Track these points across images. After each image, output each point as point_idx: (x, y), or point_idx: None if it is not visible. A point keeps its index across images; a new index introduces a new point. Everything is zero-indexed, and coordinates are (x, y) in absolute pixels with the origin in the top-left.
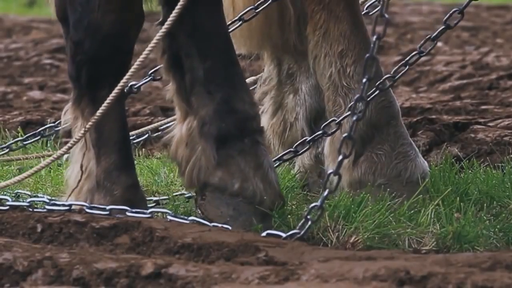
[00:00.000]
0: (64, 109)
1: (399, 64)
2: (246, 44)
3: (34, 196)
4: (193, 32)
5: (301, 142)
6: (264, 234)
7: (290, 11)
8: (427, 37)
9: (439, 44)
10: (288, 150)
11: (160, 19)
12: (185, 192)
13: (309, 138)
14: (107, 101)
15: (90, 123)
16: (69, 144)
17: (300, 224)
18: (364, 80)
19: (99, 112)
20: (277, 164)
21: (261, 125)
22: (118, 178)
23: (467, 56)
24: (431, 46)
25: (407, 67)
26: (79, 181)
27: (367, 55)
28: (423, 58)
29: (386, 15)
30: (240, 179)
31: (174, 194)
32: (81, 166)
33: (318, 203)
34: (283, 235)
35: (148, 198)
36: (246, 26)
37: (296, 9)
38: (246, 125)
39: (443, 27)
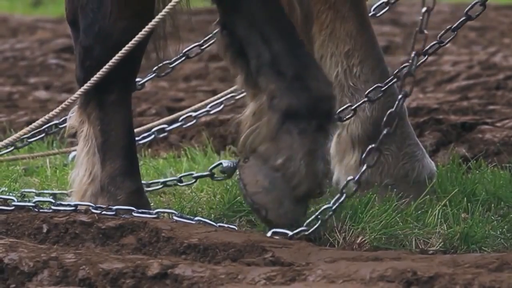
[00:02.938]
0: (70, 113)
1: (415, 53)
2: None
3: (40, 194)
4: (253, 21)
5: None
6: (269, 233)
7: (297, 10)
8: (447, 27)
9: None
10: None
11: (218, 19)
12: (193, 172)
13: None
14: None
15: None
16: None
17: (307, 221)
18: (400, 96)
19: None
20: None
21: (332, 109)
22: (123, 184)
23: (474, 56)
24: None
25: (426, 56)
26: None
27: (405, 71)
28: (430, 58)
29: (426, 31)
30: (285, 156)
31: (181, 175)
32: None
33: (331, 205)
34: (290, 233)
35: (155, 181)
36: None
37: (303, 9)
38: (318, 106)
39: (464, 18)
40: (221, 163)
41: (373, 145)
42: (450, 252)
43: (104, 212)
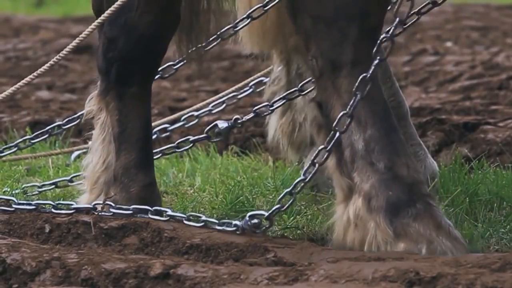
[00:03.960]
0: (89, 98)
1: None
2: (259, 43)
3: (42, 186)
4: (350, 101)
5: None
6: (247, 217)
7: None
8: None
9: (449, 44)
10: (292, 90)
11: (315, 95)
12: (190, 137)
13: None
14: None
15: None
16: None
17: (305, 169)
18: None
19: None
20: (278, 105)
21: (428, 191)
22: (136, 176)
23: (477, 56)
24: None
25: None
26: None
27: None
28: (432, 58)
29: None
30: (425, 243)
31: (178, 140)
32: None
33: (326, 146)
34: (266, 213)
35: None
36: (260, 25)
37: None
38: (414, 190)
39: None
40: (216, 124)
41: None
42: None
43: (103, 213)
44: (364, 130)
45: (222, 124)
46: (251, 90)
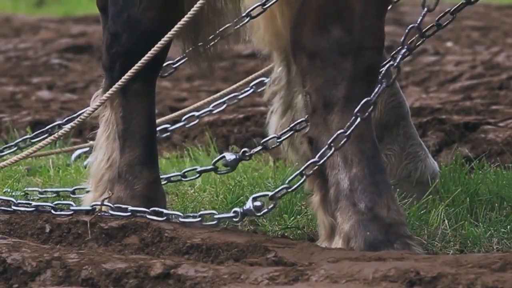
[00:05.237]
0: (94, 96)
1: (415, 37)
2: (271, 44)
3: (44, 193)
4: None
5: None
6: (249, 201)
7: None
8: (446, 10)
9: (449, 43)
10: (299, 121)
11: (307, 131)
12: (197, 167)
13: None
14: (100, 100)
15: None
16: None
17: (289, 179)
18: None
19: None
20: (287, 135)
21: (408, 232)
22: (141, 173)
23: (478, 56)
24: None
25: (424, 38)
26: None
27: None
28: (433, 58)
29: None
30: None
31: (184, 170)
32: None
33: (346, 131)
34: (270, 193)
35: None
36: (272, 26)
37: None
38: (392, 230)
39: (463, 1)
40: (224, 156)
41: (367, 99)
42: (453, 252)
43: (102, 213)
44: (350, 169)
45: (229, 156)
46: (251, 90)
